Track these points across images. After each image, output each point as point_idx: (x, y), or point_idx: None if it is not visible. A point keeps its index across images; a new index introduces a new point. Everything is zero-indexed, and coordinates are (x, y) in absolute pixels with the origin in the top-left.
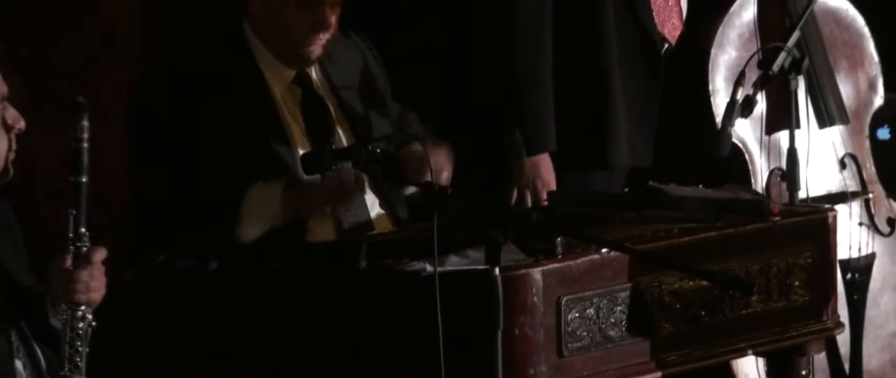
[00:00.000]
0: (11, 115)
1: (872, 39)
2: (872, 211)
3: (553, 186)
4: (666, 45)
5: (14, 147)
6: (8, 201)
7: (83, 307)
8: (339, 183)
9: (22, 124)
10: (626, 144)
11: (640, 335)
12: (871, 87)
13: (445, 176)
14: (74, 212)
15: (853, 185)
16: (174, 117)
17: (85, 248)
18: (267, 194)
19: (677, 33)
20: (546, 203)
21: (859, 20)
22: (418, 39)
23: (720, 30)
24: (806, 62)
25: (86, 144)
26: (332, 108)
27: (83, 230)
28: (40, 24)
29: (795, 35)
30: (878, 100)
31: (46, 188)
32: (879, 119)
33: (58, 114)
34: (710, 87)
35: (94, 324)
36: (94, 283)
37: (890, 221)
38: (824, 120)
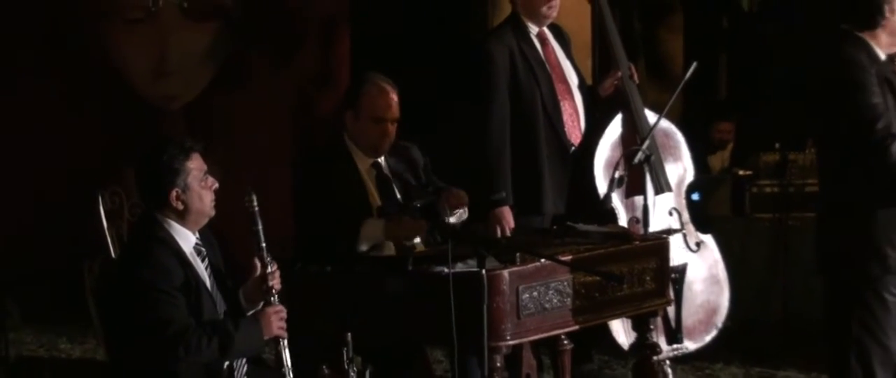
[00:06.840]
0: (210, 181)
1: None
2: (687, 239)
3: (512, 225)
4: (573, 148)
5: (213, 198)
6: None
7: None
8: (414, 227)
9: (216, 185)
10: (551, 201)
11: (562, 307)
12: (686, 171)
13: (464, 210)
14: (264, 245)
15: (676, 225)
16: (314, 186)
17: (267, 262)
18: (375, 226)
19: (579, 140)
20: (510, 235)
21: (679, 134)
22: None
23: (602, 140)
24: (653, 158)
25: (256, 207)
26: (393, 182)
27: (266, 254)
28: (226, 130)
29: (647, 142)
30: (690, 177)
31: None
32: (692, 188)
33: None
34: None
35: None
36: (274, 282)
37: (697, 244)
38: (659, 189)
